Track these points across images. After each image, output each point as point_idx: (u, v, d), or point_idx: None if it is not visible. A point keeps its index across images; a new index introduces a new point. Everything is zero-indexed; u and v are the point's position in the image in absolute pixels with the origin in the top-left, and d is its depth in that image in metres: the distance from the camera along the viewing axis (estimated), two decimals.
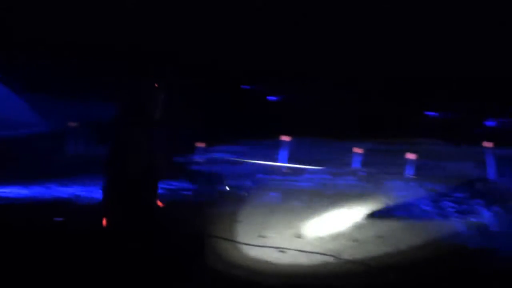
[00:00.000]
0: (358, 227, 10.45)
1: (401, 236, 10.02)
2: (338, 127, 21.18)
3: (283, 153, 16.03)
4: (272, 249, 8.81)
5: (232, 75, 28.88)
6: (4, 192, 12.34)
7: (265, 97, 28.53)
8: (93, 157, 15.68)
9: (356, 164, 15.93)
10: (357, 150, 16.03)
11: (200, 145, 17.08)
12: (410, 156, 14.94)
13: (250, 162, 16.71)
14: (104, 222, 5.70)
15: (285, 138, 16.16)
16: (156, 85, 5.63)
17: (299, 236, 9.65)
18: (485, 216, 11.36)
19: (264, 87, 28.75)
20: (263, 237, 9.47)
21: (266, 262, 8.14)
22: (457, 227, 10.67)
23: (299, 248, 8.84)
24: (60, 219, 9.71)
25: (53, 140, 17.65)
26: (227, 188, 5.40)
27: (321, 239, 9.50)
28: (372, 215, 11.39)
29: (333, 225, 10.33)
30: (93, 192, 12.33)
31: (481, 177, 14.40)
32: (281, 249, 8.79)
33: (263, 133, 19.93)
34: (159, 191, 10.56)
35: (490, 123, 23.30)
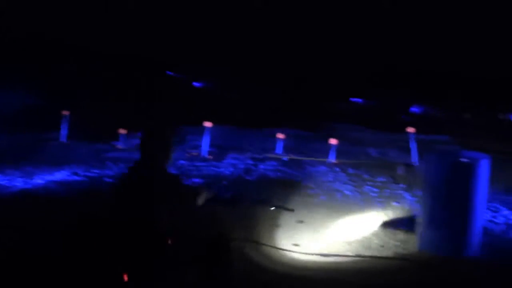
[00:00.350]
0: (278, 212, 10.21)
1: (322, 221, 9.92)
2: (261, 114, 21.13)
3: (206, 139, 15.67)
4: None
5: (155, 62, 28.67)
6: None
7: (190, 83, 28.37)
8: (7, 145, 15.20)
9: (278, 149, 15.69)
10: (280, 135, 15.80)
11: (123, 131, 16.63)
12: (333, 141, 14.79)
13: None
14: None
15: (207, 124, 15.79)
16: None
17: None
18: (407, 200, 11.28)
19: (190, 74, 28.61)
20: None
21: None
22: (379, 212, 10.56)
23: None
24: None
25: None
26: None
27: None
28: (294, 200, 11.14)
29: (253, 212, 10.01)
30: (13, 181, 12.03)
31: (404, 163, 14.38)
32: None
33: (186, 119, 19.67)
34: None
35: (415, 109, 23.64)
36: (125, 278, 5.10)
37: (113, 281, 5.16)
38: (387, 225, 9.82)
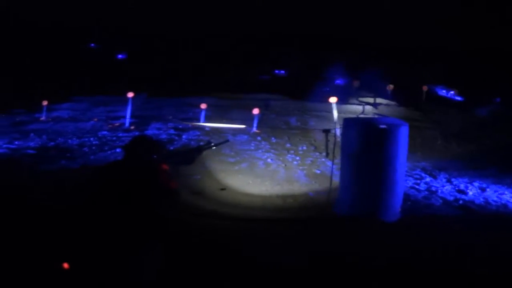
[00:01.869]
0: (200, 179, 10.24)
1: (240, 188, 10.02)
2: (185, 84, 21.01)
3: (128, 109, 15.48)
4: None
5: (78, 33, 28.14)
6: None
7: (113, 55, 27.99)
8: None
9: (201, 119, 15.65)
10: (203, 105, 15.76)
11: (44, 103, 16.31)
12: (255, 111, 14.86)
13: (96, 118, 16.20)
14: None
15: (130, 94, 15.61)
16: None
17: None
18: (328, 167, 11.39)
19: (112, 45, 28.24)
20: None
21: None
22: (299, 178, 10.65)
23: None
24: None
25: None
26: None
27: None
28: (218, 170, 11.18)
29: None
30: None
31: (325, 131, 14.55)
32: None
33: (108, 89, 19.47)
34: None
35: (338, 81, 23.93)
36: (66, 265, 4.96)
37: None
38: (305, 190, 9.93)
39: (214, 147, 5.90)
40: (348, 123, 8.67)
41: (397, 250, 6.86)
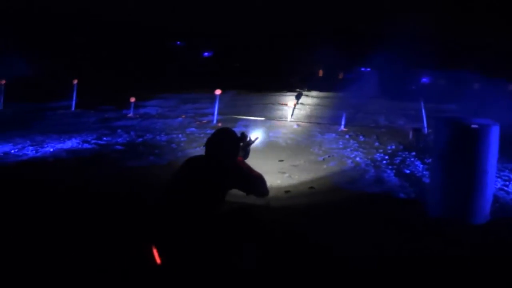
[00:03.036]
0: (290, 178, 10.31)
1: (331, 187, 10.00)
2: (271, 81, 21.16)
3: (215, 106, 15.77)
4: None
5: (166, 32, 28.63)
6: None
7: (200, 53, 28.37)
8: (21, 114, 15.29)
9: (288, 117, 15.80)
10: (288, 103, 15.95)
11: (132, 99, 16.75)
12: (217, 91, 15.10)
13: (182, 116, 16.51)
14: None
15: (217, 92, 15.89)
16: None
17: None
18: (418, 168, 11.28)
19: (198, 44, 28.61)
20: None
21: None
22: (389, 179, 10.58)
23: None
24: None
25: None
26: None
27: None
28: (304, 167, 11.25)
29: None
30: (24, 150, 12.02)
31: (415, 130, 14.39)
32: None
33: (196, 87, 19.81)
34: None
35: (425, 80, 23.59)
36: (158, 260, 5.02)
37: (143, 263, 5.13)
38: (395, 190, 9.86)
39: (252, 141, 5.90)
40: (439, 123, 8.57)
41: (487, 251, 6.81)
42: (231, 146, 5.39)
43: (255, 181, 5.38)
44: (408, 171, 11.05)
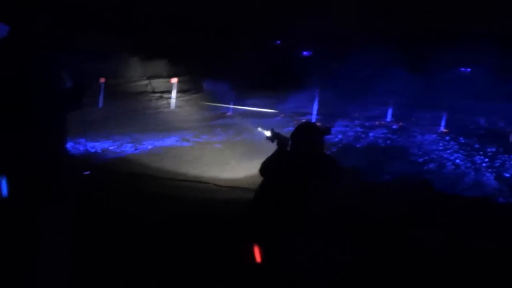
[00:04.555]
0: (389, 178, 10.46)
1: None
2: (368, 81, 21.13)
3: (314, 106, 16.00)
4: None
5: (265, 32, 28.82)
6: None
7: (299, 52, 28.48)
8: (120, 112, 15.67)
9: (388, 117, 15.88)
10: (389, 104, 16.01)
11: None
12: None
13: (282, 114, 16.72)
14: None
15: (316, 90, 16.12)
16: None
17: None
18: None
19: (297, 43, 28.71)
20: None
21: None
22: (489, 182, 10.57)
23: None
24: (88, 172, 9.71)
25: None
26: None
27: None
28: (402, 168, 11.39)
29: None
30: (122, 147, 12.39)
31: None
32: None
33: (296, 85, 19.92)
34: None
35: None
36: (258, 259, 5.04)
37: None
38: (494, 194, 9.80)
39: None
40: None
41: None
42: (316, 139, 5.35)
43: (341, 172, 5.44)
44: (507, 175, 11.00)
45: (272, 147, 5.48)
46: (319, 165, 5.21)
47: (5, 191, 4.31)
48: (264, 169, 5.45)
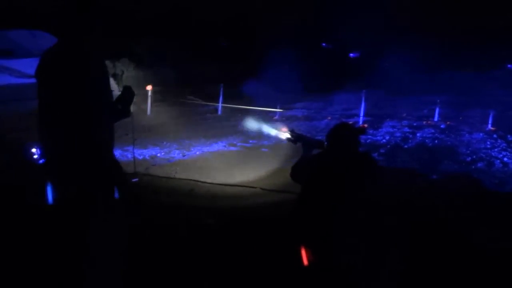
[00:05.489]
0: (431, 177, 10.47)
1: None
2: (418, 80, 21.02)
3: (362, 107, 16.05)
4: None
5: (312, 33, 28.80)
6: None
7: (346, 54, 28.49)
8: (169, 118, 15.80)
9: (436, 116, 15.83)
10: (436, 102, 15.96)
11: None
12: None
13: (330, 117, 16.78)
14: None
15: (363, 92, 16.19)
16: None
17: None
18: None
19: (344, 44, 28.65)
20: None
21: None
22: None
23: None
24: (136, 179, 9.81)
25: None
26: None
27: None
28: (449, 167, 11.39)
29: None
30: (171, 153, 12.47)
31: None
32: None
33: (343, 87, 19.94)
34: None
35: None
36: (305, 262, 5.07)
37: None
38: None
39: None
40: None
41: None
42: (352, 139, 5.38)
43: (380, 173, 5.44)
44: None
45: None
46: (356, 165, 5.24)
47: (50, 198, 4.47)
48: (296, 173, 5.57)
